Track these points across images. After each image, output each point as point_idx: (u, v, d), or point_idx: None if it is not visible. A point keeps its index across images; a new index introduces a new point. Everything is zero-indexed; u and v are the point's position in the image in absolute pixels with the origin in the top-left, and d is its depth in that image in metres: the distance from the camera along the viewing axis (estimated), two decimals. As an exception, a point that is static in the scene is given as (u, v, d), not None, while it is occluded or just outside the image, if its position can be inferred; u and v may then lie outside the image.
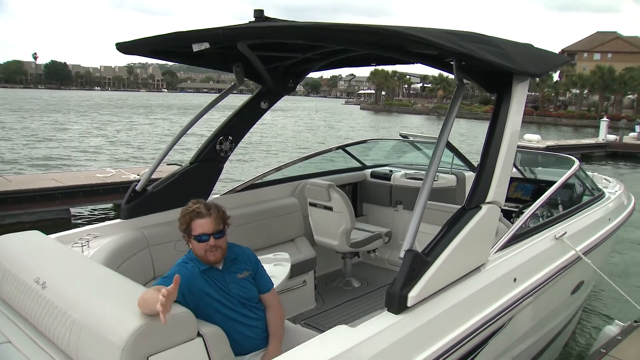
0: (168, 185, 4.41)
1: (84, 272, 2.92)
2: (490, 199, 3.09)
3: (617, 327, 4.79)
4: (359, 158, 6.91)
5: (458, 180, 6.00)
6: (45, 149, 23.28)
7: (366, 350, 2.40)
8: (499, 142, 3.17)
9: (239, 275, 2.94)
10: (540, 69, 3.46)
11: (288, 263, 3.91)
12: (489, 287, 3.14)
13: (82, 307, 2.48)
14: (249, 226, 4.92)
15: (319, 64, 4.70)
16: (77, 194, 10.79)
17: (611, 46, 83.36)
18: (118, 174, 11.96)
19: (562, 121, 59.10)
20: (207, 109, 4.48)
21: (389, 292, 2.64)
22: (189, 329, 2.36)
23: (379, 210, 6.51)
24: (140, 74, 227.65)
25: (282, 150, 25.76)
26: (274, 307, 3.06)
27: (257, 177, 5.48)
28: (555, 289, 3.98)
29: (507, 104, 3.25)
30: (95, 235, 4.00)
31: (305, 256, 4.98)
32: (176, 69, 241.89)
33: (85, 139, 28.13)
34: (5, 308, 3.03)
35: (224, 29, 3.03)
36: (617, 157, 26.22)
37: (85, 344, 2.34)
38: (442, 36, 2.69)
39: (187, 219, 2.84)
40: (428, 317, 2.69)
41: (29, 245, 3.38)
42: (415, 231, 2.75)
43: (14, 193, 10.03)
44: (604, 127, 27.76)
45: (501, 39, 3.26)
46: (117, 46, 3.71)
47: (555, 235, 3.94)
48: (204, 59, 4.02)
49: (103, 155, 22.08)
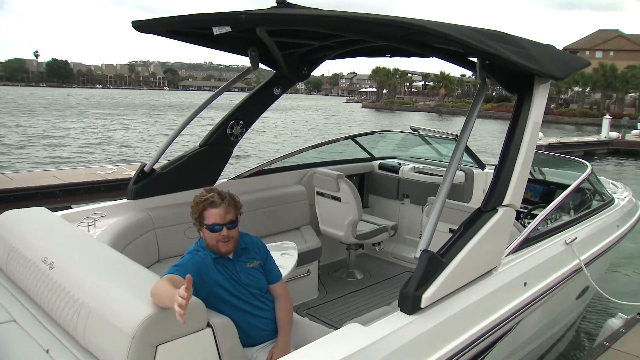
0: (176, 168, 4.40)
1: (92, 253, 2.90)
2: (507, 202, 3.05)
3: (620, 319, 4.80)
4: (367, 149, 6.85)
5: (467, 177, 5.96)
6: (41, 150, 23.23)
7: (379, 350, 2.39)
8: (519, 144, 3.12)
9: (249, 265, 2.89)
10: (562, 71, 3.39)
11: (295, 252, 3.87)
12: (500, 290, 3.11)
13: (90, 290, 2.46)
14: (255, 212, 4.88)
15: (335, 53, 4.66)
16: (78, 191, 10.78)
17: (613, 44, 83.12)
18: (119, 171, 11.95)
19: (564, 119, 58.96)
20: (218, 93, 4.49)
21: (402, 292, 2.62)
22: (199, 319, 2.34)
23: (385, 203, 6.48)
24: (142, 72, 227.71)
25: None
26: (282, 297, 3.01)
27: (265, 163, 5.48)
28: (562, 294, 3.95)
29: (528, 106, 3.19)
30: (101, 214, 4.00)
31: (310, 245, 4.94)
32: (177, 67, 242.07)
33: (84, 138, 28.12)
34: (10, 286, 3.00)
35: (247, 13, 2.94)
36: (620, 155, 26.21)
37: (93, 329, 2.33)
38: (469, 34, 2.65)
39: (199, 207, 2.76)
40: (440, 319, 2.67)
41: (36, 222, 3.35)
42: (432, 231, 2.72)
43: (15, 191, 10.02)
44: (606, 125, 27.69)
45: (525, 39, 3.21)
46: (133, 24, 3.60)
47: (565, 241, 3.90)
48: (221, 41, 3.91)
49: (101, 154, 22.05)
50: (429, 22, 2.55)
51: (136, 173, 4.27)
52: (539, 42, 3.40)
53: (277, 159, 5.67)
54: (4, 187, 10.05)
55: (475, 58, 3.10)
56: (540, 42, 3.42)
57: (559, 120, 58.45)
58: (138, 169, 4.29)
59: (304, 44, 4.38)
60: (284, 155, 5.76)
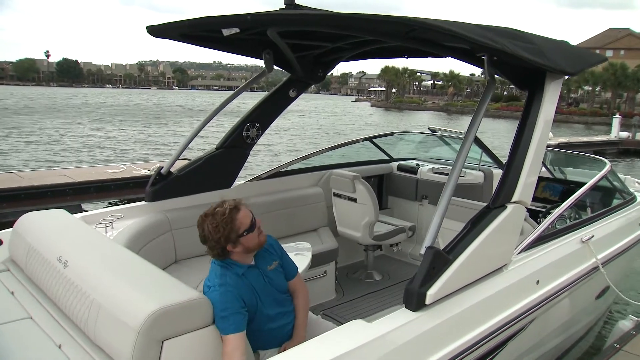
0: (193, 170, 4.44)
1: (105, 253, 2.95)
2: (516, 199, 3.03)
3: (630, 321, 4.77)
4: (386, 150, 6.84)
5: (485, 177, 5.88)
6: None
7: (381, 346, 2.39)
8: (528, 141, 3.10)
9: (269, 267, 2.84)
10: (575, 67, 3.36)
11: (309, 252, 3.87)
12: (510, 288, 3.08)
13: (101, 288, 2.50)
14: (272, 214, 4.93)
15: (349, 54, 4.67)
16: (88, 190, 10.84)
17: (624, 43, 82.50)
18: (129, 170, 12.02)
19: (573, 118, 58.59)
20: (233, 96, 4.52)
21: (407, 289, 2.61)
22: (204, 315, 2.36)
23: (404, 204, 6.47)
24: (151, 72, 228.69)
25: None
26: (301, 291, 2.98)
27: (282, 165, 5.50)
28: (579, 293, 3.91)
29: (539, 102, 3.18)
30: (119, 216, 4.06)
31: (327, 247, 4.94)
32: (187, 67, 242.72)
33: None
34: (28, 284, 3.07)
35: (253, 14, 3.00)
36: (630, 154, 25.97)
37: (102, 324, 2.37)
38: (474, 30, 2.65)
39: (229, 221, 2.56)
40: (446, 316, 2.65)
41: (54, 223, 3.43)
42: (437, 228, 2.71)
43: (26, 189, 10.08)
44: (617, 124, 27.42)
45: (535, 35, 3.18)
46: (147, 29, 3.67)
47: (582, 239, 3.85)
48: (235, 45, 4.01)
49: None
50: (430, 19, 2.55)
51: (153, 175, 4.32)
52: (552, 38, 3.38)
53: (295, 160, 5.69)
54: (14, 185, 10.12)
55: (483, 55, 3.07)
56: (553, 38, 3.39)
57: (569, 119, 58.10)
58: (155, 171, 4.34)
59: (316, 46, 4.39)
60: (301, 157, 5.77)
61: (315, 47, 4.41)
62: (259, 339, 2.68)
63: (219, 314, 2.41)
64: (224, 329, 2.38)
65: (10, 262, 3.39)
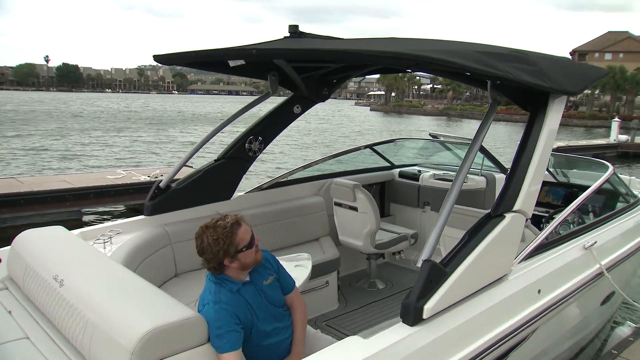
0: (192, 183, 4.42)
1: (101, 271, 2.94)
2: (518, 208, 3.01)
3: (628, 328, 4.75)
4: (387, 157, 6.80)
5: (488, 182, 5.84)
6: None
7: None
8: (528, 160, 3.09)
9: (265, 282, 2.79)
10: (577, 86, 3.36)
11: (309, 264, 3.83)
12: (510, 298, 3.03)
13: (96, 307, 2.50)
14: (273, 224, 4.91)
15: (355, 73, 4.73)
16: (87, 195, 10.84)
17: (623, 46, 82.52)
18: (128, 176, 12.02)
19: (572, 121, 58.52)
20: (236, 115, 4.51)
21: (404, 303, 2.59)
22: (199, 334, 2.35)
23: (406, 211, 6.44)
24: (151, 76, 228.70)
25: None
26: (299, 305, 2.94)
27: (283, 175, 5.49)
28: (584, 300, 3.86)
29: (541, 122, 3.17)
30: (117, 231, 4.03)
31: (328, 256, 4.90)
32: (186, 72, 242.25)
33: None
34: (26, 303, 3.06)
35: (258, 48, 3.06)
36: (629, 158, 25.91)
37: (97, 345, 2.36)
38: (476, 58, 2.67)
39: (229, 235, 2.53)
40: (444, 330, 2.62)
41: (51, 241, 3.42)
42: (435, 241, 2.68)
43: (26, 195, 10.09)
44: (616, 128, 27.41)
45: (538, 55, 3.20)
46: (154, 58, 3.80)
47: (584, 245, 3.79)
48: (240, 69, 4.02)
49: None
50: (434, 51, 2.57)
51: (152, 190, 4.31)
52: (553, 55, 3.40)
53: (295, 170, 5.66)
54: (14, 190, 10.13)
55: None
56: (555, 56, 3.42)
57: (568, 122, 58.03)
58: (154, 185, 4.33)
59: (321, 67, 4.42)
60: (302, 166, 5.74)
61: (320, 67, 4.45)
62: (256, 356, 2.65)
63: (214, 332, 2.39)
64: (219, 347, 2.37)
65: (9, 281, 3.37)
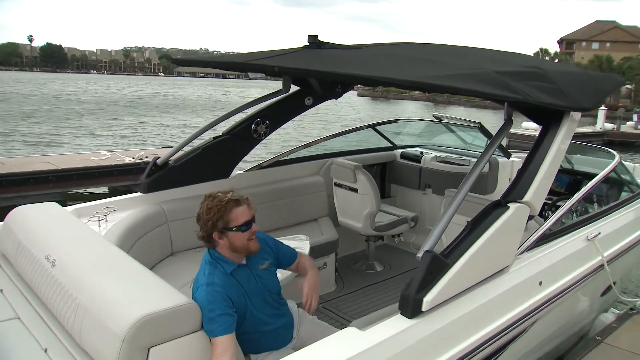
0: (190, 160, 4.34)
1: (94, 252, 2.85)
2: (526, 200, 2.97)
3: (612, 314, 4.78)
4: (389, 138, 6.71)
5: (491, 166, 5.70)
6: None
7: (376, 355, 2.31)
8: (534, 173, 3.04)
9: (261, 267, 2.75)
10: (592, 101, 3.34)
11: (307, 245, 3.80)
12: (511, 291, 2.98)
13: (87, 290, 2.43)
14: (272, 203, 4.84)
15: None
16: (71, 177, 10.72)
17: (610, 35, 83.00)
18: (113, 157, 11.88)
19: (559, 110, 59.03)
20: (247, 105, 4.48)
21: (403, 295, 2.52)
22: (192, 320, 2.29)
23: (407, 193, 6.37)
24: (137, 58, 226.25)
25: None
26: (306, 258, 3.05)
27: (283, 153, 5.41)
28: (585, 291, 3.82)
29: (553, 135, 3.14)
30: (113, 208, 3.94)
31: (327, 238, 4.83)
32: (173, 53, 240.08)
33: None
34: (18, 281, 2.99)
35: (280, 67, 3.23)
36: (615, 146, 26.17)
37: (88, 329, 2.30)
38: (496, 81, 2.72)
39: (222, 209, 2.50)
40: (444, 322, 2.56)
41: (44, 218, 3.32)
42: (440, 233, 2.62)
43: (8, 176, 9.97)
44: (602, 116, 27.60)
45: (556, 71, 3.21)
46: (172, 60, 4.23)
47: (587, 236, 3.72)
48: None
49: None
50: (458, 81, 2.66)
51: (149, 166, 4.22)
52: (569, 69, 3.39)
53: (296, 148, 5.56)
54: (-4, 171, 9.94)
55: None
56: (571, 71, 3.43)
57: (555, 111, 58.43)
58: (151, 162, 4.24)
59: None
60: (302, 144, 5.65)
61: None
62: (251, 343, 2.61)
63: (207, 315, 2.34)
64: (212, 330, 2.31)
65: (2, 257, 3.29)
